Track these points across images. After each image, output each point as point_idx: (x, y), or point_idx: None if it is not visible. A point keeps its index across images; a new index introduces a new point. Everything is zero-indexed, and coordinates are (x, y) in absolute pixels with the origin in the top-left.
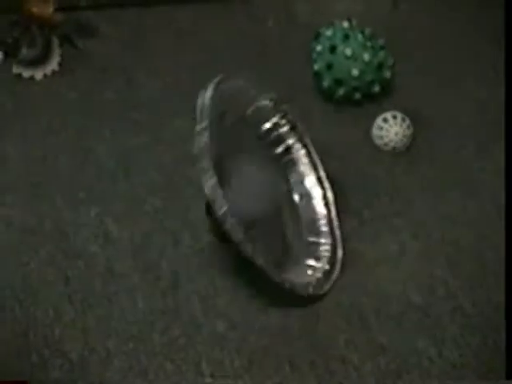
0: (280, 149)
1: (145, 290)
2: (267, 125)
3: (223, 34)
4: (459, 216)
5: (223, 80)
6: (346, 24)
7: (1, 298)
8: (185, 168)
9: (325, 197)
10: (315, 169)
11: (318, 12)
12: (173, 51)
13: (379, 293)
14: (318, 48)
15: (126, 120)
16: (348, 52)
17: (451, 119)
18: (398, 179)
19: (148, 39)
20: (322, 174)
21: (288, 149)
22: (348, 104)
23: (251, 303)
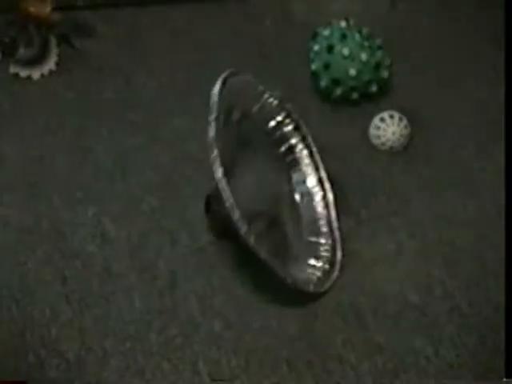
0: (283, 148)
1: (142, 290)
2: (272, 123)
3: (219, 34)
4: (456, 216)
5: (232, 74)
6: (344, 24)
7: None
8: (182, 167)
9: (325, 198)
10: (317, 169)
11: (316, 11)
12: (169, 51)
13: (376, 292)
14: (316, 48)
15: (124, 120)
16: (345, 52)
17: (449, 119)
18: (396, 179)
19: (144, 39)
20: (323, 175)
21: (291, 148)
22: (345, 104)
23: (248, 303)
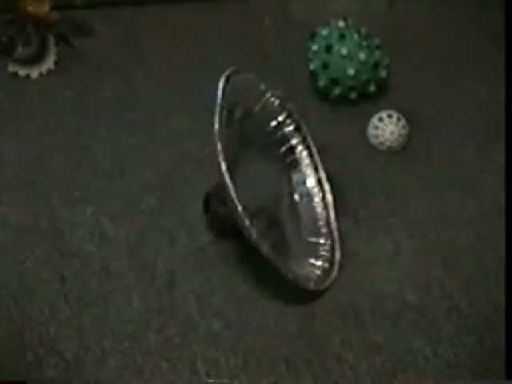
0: (283, 148)
1: (140, 289)
2: (273, 123)
3: (218, 33)
4: (455, 215)
5: (235, 72)
6: (342, 23)
7: None
8: (181, 167)
9: (324, 199)
10: (316, 170)
11: (314, 11)
12: (168, 50)
13: (375, 292)
14: (314, 47)
15: (122, 119)
16: (344, 51)
17: (448, 119)
18: (394, 178)
19: (142, 38)
20: (323, 176)
21: (291, 149)
22: (344, 103)
23: (247, 302)
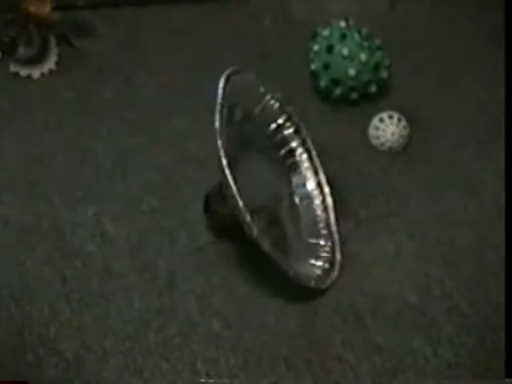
0: (283, 151)
1: (141, 290)
2: (273, 126)
3: (219, 33)
4: (456, 216)
5: (236, 72)
6: (343, 24)
7: None
8: (182, 167)
9: (324, 201)
10: (316, 173)
11: (315, 11)
12: (169, 50)
13: (375, 292)
14: (315, 48)
15: (123, 119)
16: (345, 52)
17: (448, 119)
18: (395, 179)
19: (144, 38)
20: (322, 178)
21: (291, 151)
22: (345, 104)
23: (247, 302)
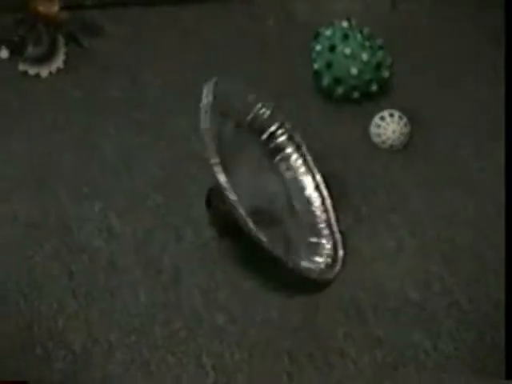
0: (278, 157)
1: (147, 284)
2: (265, 134)
3: (224, 33)
4: (456, 213)
5: (220, 81)
6: (346, 24)
7: (6, 291)
8: (187, 165)
9: (323, 203)
10: (313, 177)
11: (318, 12)
12: (175, 50)
13: (377, 288)
14: (318, 47)
15: (130, 118)
16: (347, 51)
17: (448, 118)
18: (396, 176)
19: (151, 38)
20: (320, 182)
21: (286, 158)
22: (347, 102)
23: (251, 297)
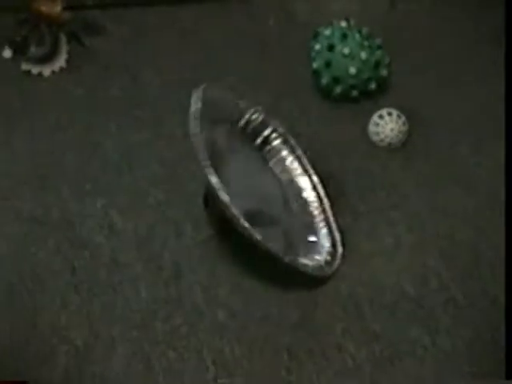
0: (274, 160)
1: (148, 280)
2: (260, 139)
3: (224, 33)
4: (453, 210)
5: (210, 87)
6: (344, 23)
7: (9, 286)
8: (187, 162)
9: (321, 203)
10: (310, 178)
11: (317, 11)
12: (175, 50)
13: (375, 284)
14: (317, 47)
15: (130, 116)
16: (346, 51)
17: (447, 117)
18: (394, 174)
19: (150, 38)
20: (317, 182)
21: (282, 160)
22: (345, 101)
23: (251, 293)
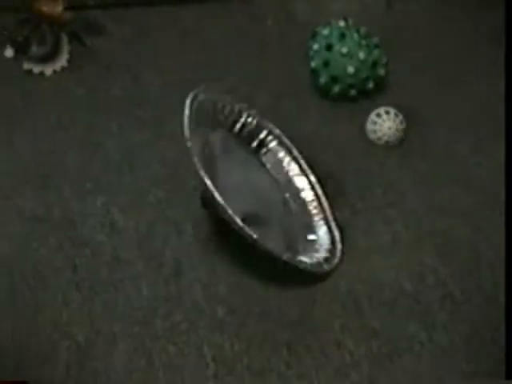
0: (271, 161)
1: (149, 277)
2: (256, 142)
3: (224, 33)
4: (450, 207)
5: (203, 91)
6: (342, 23)
7: (11, 284)
8: (187, 161)
9: (319, 202)
10: (307, 178)
11: (316, 11)
12: (176, 50)
13: (373, 280)
14: (315, 46)
15: (131, 116)
16: (344, 50)
17: (445, 115)
18: (391, 172)
19: (152, 38)
20: (314, 180)
21: (279, 162)
22: (343, 100)
23: (251, 290)
